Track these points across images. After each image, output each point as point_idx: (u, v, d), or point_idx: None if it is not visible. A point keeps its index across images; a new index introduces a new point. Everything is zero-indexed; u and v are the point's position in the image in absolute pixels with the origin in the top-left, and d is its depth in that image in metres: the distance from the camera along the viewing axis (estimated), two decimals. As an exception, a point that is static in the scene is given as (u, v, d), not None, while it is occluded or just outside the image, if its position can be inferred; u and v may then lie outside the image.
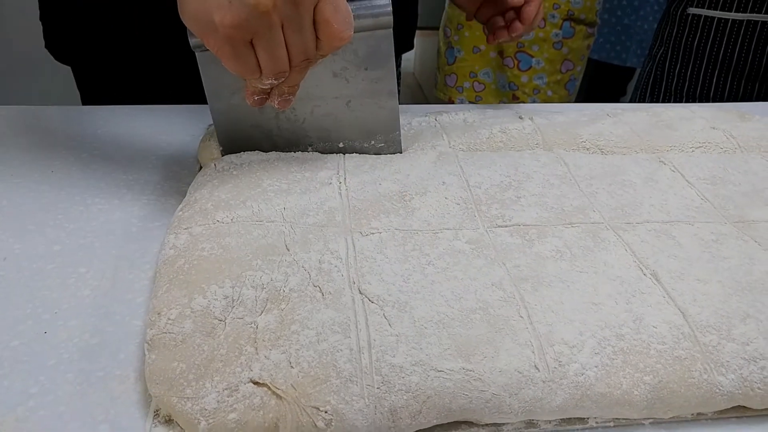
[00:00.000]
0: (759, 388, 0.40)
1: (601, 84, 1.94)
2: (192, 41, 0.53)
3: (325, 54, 0.51)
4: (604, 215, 0.53)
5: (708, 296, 0.45)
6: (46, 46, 0.81)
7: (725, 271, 0.47)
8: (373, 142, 0.62)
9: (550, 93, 1.31)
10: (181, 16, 0.49)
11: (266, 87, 0.52)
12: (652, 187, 0.58)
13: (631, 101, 1.38)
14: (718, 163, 0.62)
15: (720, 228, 0.53)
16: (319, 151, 0.62)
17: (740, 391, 0.40)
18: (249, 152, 0.60)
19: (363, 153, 0.62)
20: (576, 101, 1.24)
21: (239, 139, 0.61)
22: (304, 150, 0.62)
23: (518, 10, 0.72)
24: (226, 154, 0.61)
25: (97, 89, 0.84)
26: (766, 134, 0.67)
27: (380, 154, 0.62)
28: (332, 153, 0.62)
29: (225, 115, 0.59)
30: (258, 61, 0.49)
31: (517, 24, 0.72)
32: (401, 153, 0.62)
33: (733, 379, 0.40)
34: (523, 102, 1.16)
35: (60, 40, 0.80)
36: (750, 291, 0.46)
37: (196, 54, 0.55)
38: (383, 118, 0.61)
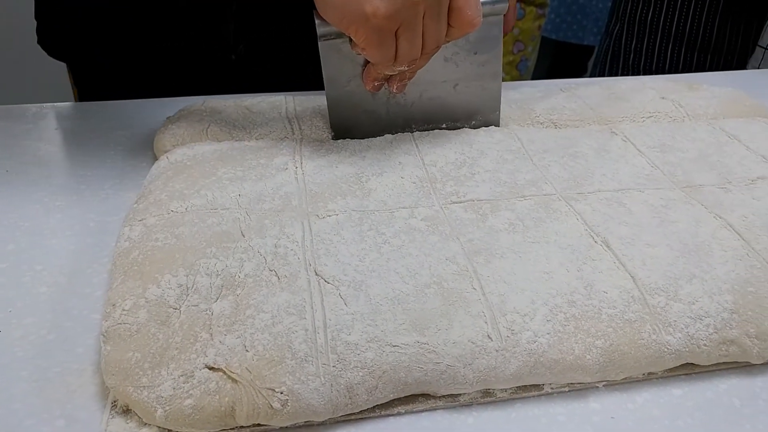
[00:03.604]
0: (705, 345, 0.42)
1: (562, 63, 1.96)
2: (321, 30, 0.55)
3: (453, 39, 0.54)
4: (556, 187, 0.54)
5: (657, 259, 0.46)
6: (39, 42, 0.81)
7: (673, 235, 0.49)
8: (473, 122, 0.64)
9: (503, 74, 1.32)
10: (320, 9, 0.51)
11: (393, 73, 0.54)
12: (604, 158, 0.59)
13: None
14: (668, 132, 0.63)
15: (669, 194, 0.54)
16: (420, 131, 0.63)
17: (687, 349, 0.42)
18: (201, 143, 0.60)
19: (461, 130, 0.63)
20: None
21: (350, 124, 0.63)
22: (410, 131, 0.63)
23: None
24: (338, 138, 0.62)
25: (94, 83, 0.84)
26: (712, 102, 0.69)
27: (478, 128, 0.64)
28: (436, 131, 0.63)
29: (340, 101, 0.61)
30: (396, 49, 0.51)
31: None
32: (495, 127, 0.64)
33: (680, 338, 0.42)
34: None
35: (54, 36, 0.79)
36: (696, 252, 0.47)
37: (319, 43, 0.56)
38: (486, 98, 0.63)
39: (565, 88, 0.72)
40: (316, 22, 0.54)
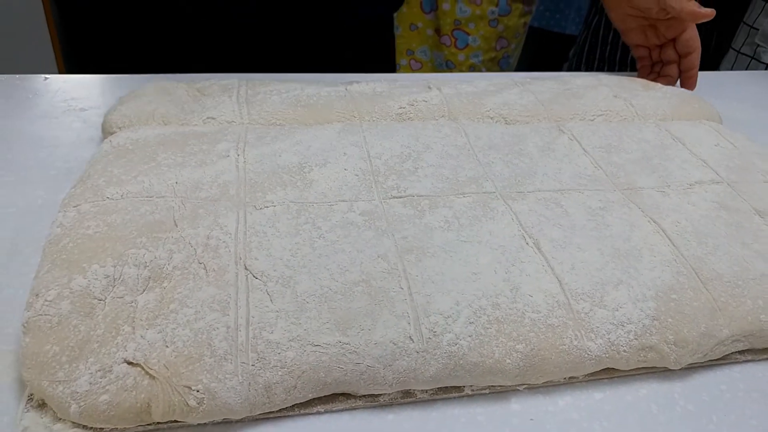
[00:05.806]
0: (624, 351, 0.42)
1: (544, 52, 1.95)
2: None
3: None
4: (497, 185, 0.54)
5: (586, 264, 0.47)
6: None
7: (606, 239, 0.49)
8: None
9: (484, 70, 1.30)
10: None
11: None
12: (548, 156, 0.59)
13: (568, 69, 1.39)
14: (615, 132, 0.63)
15: (608, 196, 0.54)
16: None
17: (607, 355, 0.42)
18: (146, 126, 0.59)
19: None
20: (518, 70, 1.24)
21: None
22: None
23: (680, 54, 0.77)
24: None
25: (95, 54, 0.81)
26: (662, 103, 0.69)
27: None
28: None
29: None
30: None
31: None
32: None
33: (601, 344, 0.42)
34: None
35: None
36: (626, 257, 0.47)
37: None
38: None
39: (521, 82, 0.71)
40: None
